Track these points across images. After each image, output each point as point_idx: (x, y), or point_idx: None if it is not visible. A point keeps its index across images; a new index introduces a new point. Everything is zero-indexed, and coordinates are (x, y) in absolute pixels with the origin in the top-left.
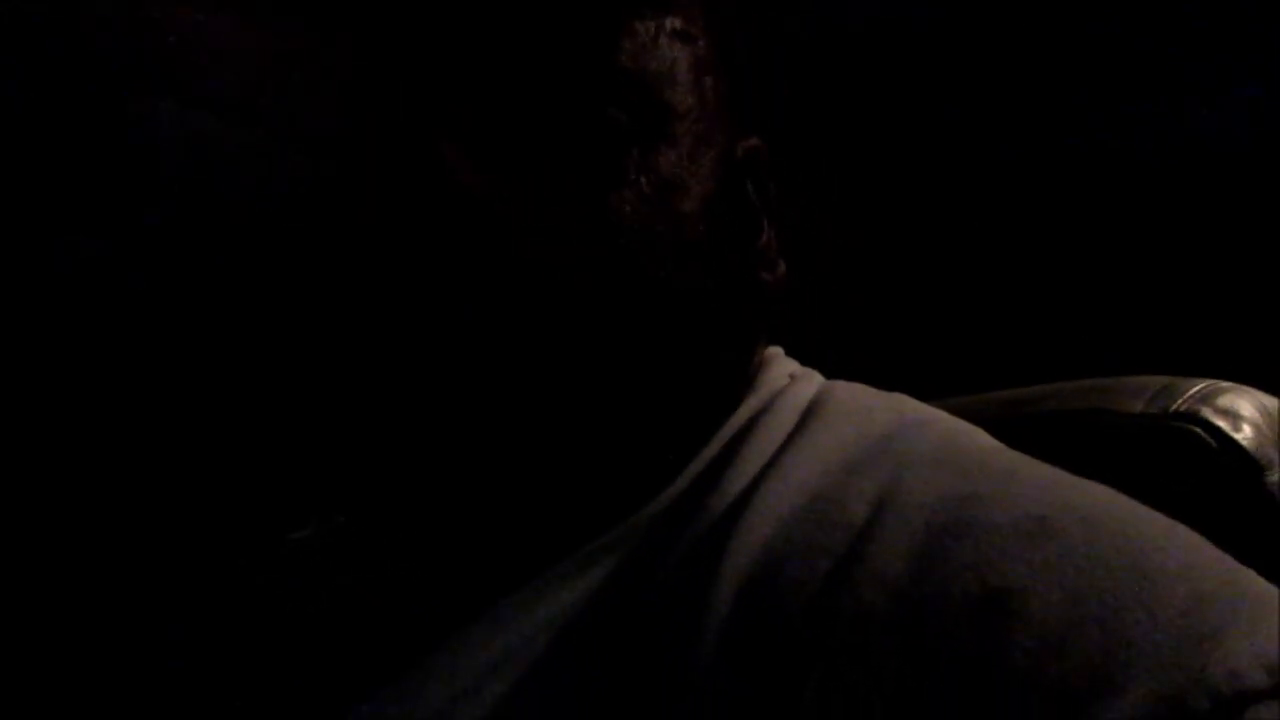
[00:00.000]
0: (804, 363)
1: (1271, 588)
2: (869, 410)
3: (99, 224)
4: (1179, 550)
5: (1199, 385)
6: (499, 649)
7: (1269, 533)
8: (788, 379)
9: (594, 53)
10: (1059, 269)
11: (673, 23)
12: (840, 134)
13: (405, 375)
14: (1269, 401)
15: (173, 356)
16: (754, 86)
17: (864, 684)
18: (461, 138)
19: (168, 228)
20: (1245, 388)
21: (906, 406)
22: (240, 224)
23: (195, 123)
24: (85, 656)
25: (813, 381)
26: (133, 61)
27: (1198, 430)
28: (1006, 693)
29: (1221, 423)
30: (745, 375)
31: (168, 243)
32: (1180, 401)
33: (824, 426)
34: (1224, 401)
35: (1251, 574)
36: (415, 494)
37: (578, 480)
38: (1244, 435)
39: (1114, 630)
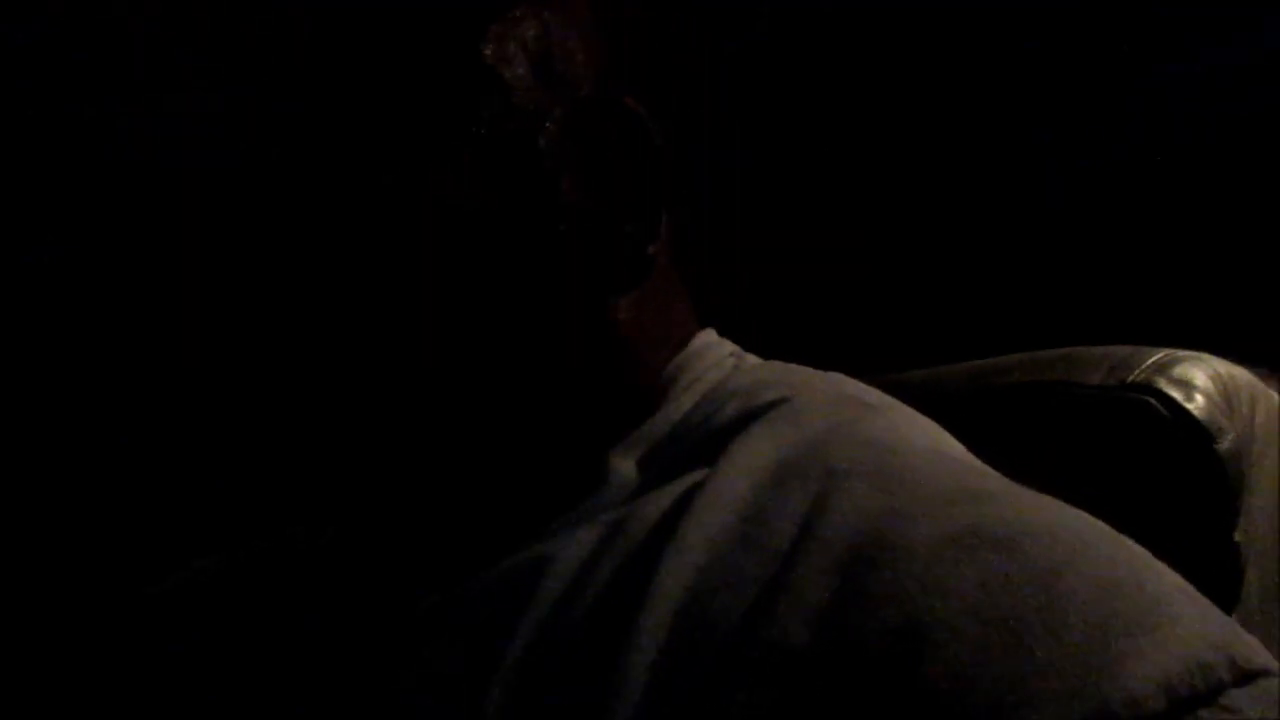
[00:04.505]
0: (740, 316)
1: (1184, 590)
2: (804, 408)
3: (64, 221)
4: (1091, 566)
5: (1156, 355)
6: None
7: (1219, 500)
8: (723, 364)
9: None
10: (1046, 239)
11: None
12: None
13: (352, 328)
14: (1225, 369)
15: (141, 356)
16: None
17: (785, 717)
18: (451, 161)
19: (134, 222)
20: (1203, 356)
21: (844, 396)
22: (209, 215)
23: (157, 114)
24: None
25: (747, 368)
26: (88, 54)
27: (1152, 401)
28: None
29: (1175, 393)
30: (665, 358)
31: (135, 238)
32: (1136, 372)
33: (758, 428)
34: (1179, 371)
35: (1166, 577)
36: (366, 464)
37: (511, 478)
38: (1196, 405)
39: (1021, 659)
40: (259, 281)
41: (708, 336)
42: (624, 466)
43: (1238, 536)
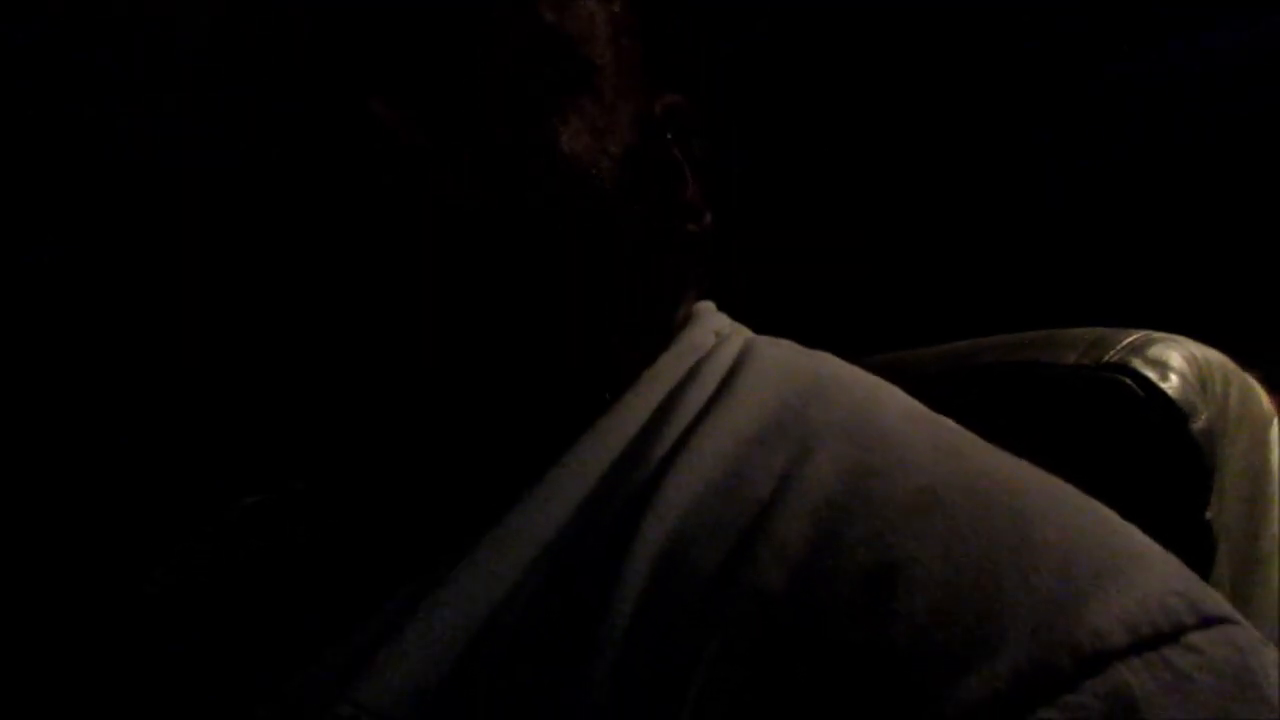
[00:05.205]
0: (737, 316)
1: (1150, 545)
2: (788, 374)
3: (64, 221)
4: (1061, 518)
5: (1132, 336)
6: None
7: (1192, 478)
8: (714, 337)
9: (517, 8)
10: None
11: None
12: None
13: (353, 327)
14: (1199, 351)
15: (132, 333)
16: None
17: (759, 658)
18: (390, 94)
19: (134, 222)
20: (1177, 338)
21: (825, 367)
22: (208, 215)
23: (157, 114)
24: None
25: (738, 340)
26: (88, 54)
27: (1127, 380)
28: (892, 664)
29: (1150, 373)
30: (670, 325)
31: (135, 238)
32: (1112, 353)
33: (742, 391)
34: (1154, 352)
35: (1133, 533)
36: (364, 455)
37: (494, 427)
38: (1170, 385)
39: (992, 598)
40: (258, 280)
41: (707, 305)
42: (610, 423)
43: (1209, 514)
